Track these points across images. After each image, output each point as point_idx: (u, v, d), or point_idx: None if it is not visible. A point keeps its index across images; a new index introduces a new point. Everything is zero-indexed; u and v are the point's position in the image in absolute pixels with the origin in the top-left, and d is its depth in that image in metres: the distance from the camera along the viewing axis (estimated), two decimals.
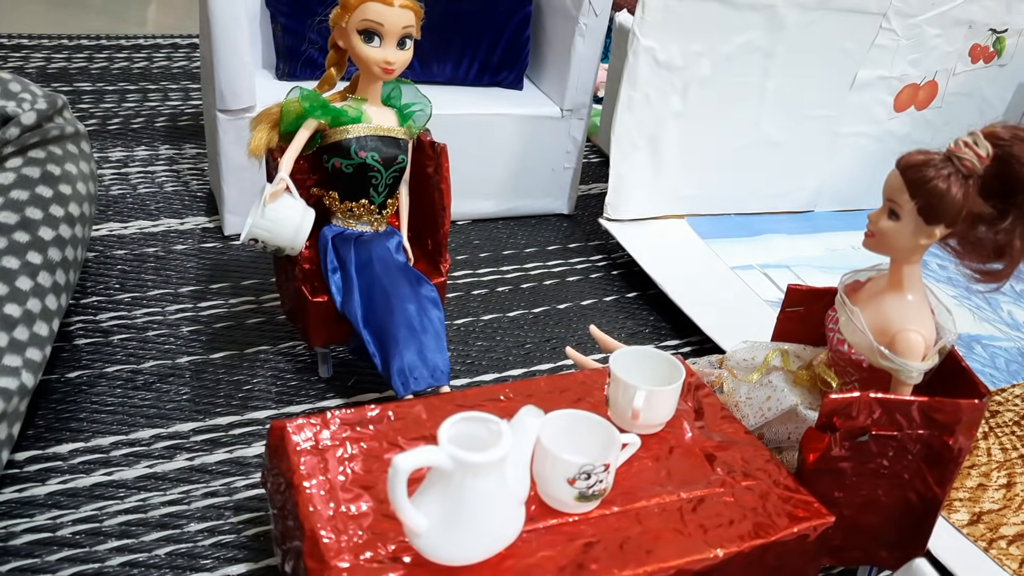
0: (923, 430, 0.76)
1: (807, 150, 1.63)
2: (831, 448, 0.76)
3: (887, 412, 0.75)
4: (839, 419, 0.75)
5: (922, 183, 0.72)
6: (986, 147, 0.71)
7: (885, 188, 0.76)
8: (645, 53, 1.38)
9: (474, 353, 1.20)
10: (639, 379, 0.77)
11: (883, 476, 0.79)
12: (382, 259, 1.00)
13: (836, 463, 0.77)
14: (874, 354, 0.78)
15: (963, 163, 0.71)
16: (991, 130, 0.72)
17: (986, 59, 1.69)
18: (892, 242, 0.76)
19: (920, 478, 0.79)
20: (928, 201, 0.72)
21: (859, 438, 0.76)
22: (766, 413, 0.86)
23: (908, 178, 0.73)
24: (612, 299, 1.38)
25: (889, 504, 0.80)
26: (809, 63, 1.52)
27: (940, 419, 0.76)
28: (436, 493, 0.60)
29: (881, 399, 0.75)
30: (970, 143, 0.71)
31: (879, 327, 0.78)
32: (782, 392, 0.86)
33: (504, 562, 0.64)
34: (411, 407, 0.79)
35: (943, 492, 0.80)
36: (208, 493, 0.91)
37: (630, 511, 0.71)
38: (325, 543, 0.64)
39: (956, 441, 0.77)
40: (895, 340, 0.77)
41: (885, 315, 0.78)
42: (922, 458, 0.78)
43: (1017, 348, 1.38)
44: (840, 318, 0.82)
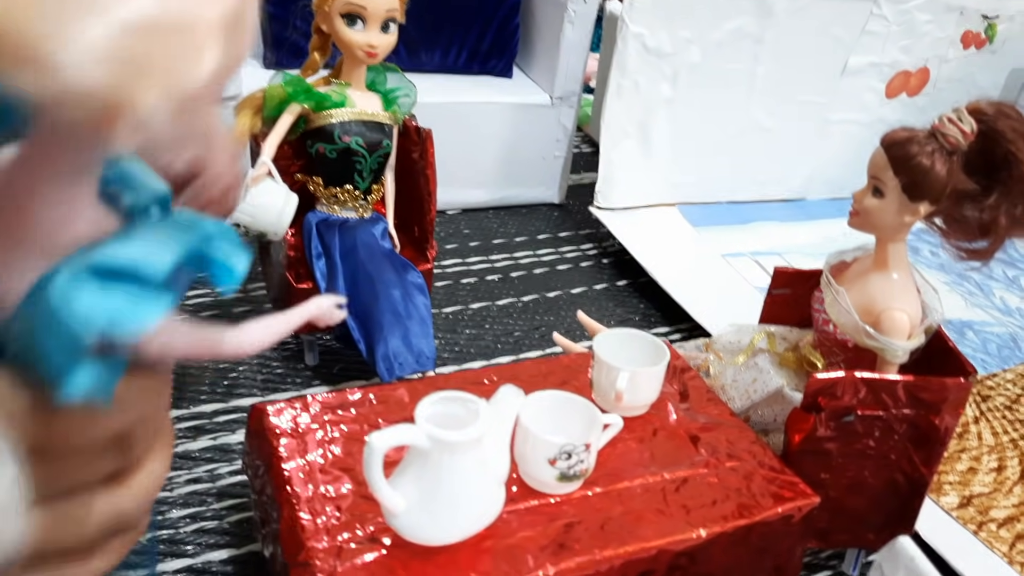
0: (909, 409, 0.75)
1: (798, 137, 1.63)
2: (816, 429, 0.76)
3: (872, 392, 0.75)
4: (824, 399, 0.74)
5: (906, 160, 0.71)
6: (970, 123, 0.70)
7: (870, 165, 0.76)
8: (634, 40, 1.37)
9: (462, 341, 1.19)
10: (623, 361, 0.77)
11: (869, 457, 0.78)
12: (367, 245, 0.99)
13: (822, 444, 0.77)
14: (859, 334, 0.78)
15: (947, 139, 0.70)
16: (975, 106, 0.71)
17: (977, 45, 1.68)
18: (877, 220, 0.76)
19: (907, 458, 0.79)
20: (912, 178, 0.72)
21: (844, 418, 0.76)
22: (752, 395, 0.85)
23: (892, 155, 0.72)
24: (602, 287, 1.38)
25: (876, 485, 0.80)
26: (799, 49, 1.51)
27: (926, 398, 0.75)
28: (414, 473, 0.60)
29: (866, 379, 0.74)
30: (954, 119, 0.71)
31: (864, 306, 0.78)
32: (768, 374, 0.85)
33: (484, 542, 0.63)
34: (393, 390, 0.78)
35: (930, 472, 0.80)
36: (191, 480, 0.90)
37: (612, 492, 0.71)
38: (303, 524, 0.63)
39: (942, 420, 0.76)
40: (880, 319, 0.77)
41: (870, 294, 0.78)
42: (908, 438, 0.77)
43: (1009, 333, 1.37)
44: (825, 298, 0.81)
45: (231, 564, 0.82)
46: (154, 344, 0.38)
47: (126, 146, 0.32)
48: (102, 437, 0.41)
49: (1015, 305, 1.47)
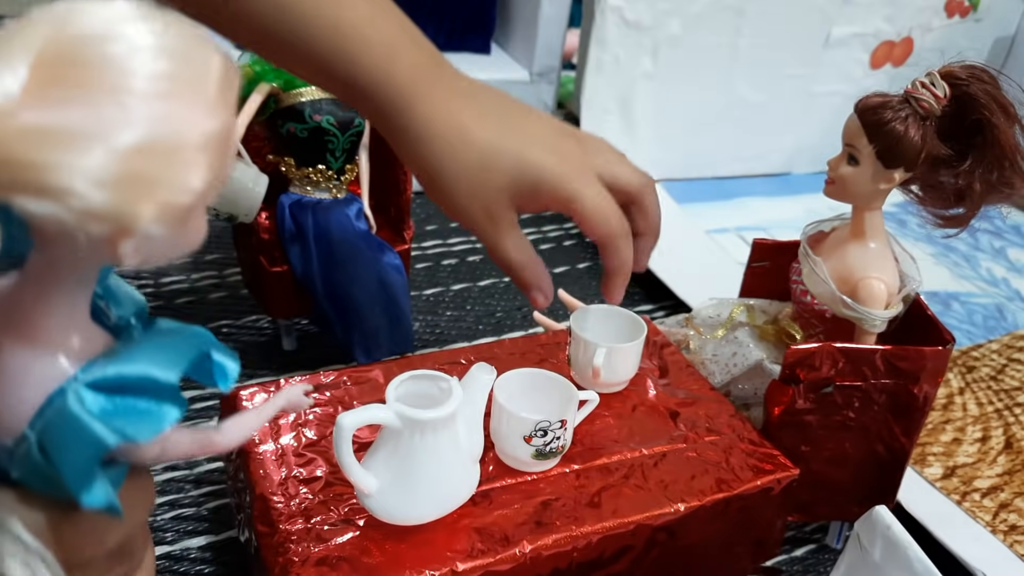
0: (888, 379, 0.75)
1: (782, 110, 1.62)
2: (795, 401, 0.75)
3: (850, 362, 0.74)
4: (802, 371, 0.74)
5: (879, 125, 0.70)
6: (943, 87, 0.69)
7: (844, 132, 0.75)
8: (612, 12, 1.36)
9: (443, 323, 1.18)
10: (601, 337, 0.76)
11: (849, 428, 0.78)
12: (342, 226, 0.98)
13: (801, 416, 0.76)
14: (836, 303, 0.77)
15: (920, 104, 0.69)
16: (949, 70, 0.70)
17: (962, 13, 1.67)
18: (852, 188, 0.75)
19: (887, 429, 0.78)
20: (886, 144, 0.71)
21: (823, 390, 0.75)
22: (732, 369, 0.84)
23: (865, 121, 0.71)
24: (585, 266, 1.37)
25: (857, 457, 0.79)
26: (781, 21, 1.50)
27: (904, 367, 0.74)
28: (386, 453, 0.59)
29: (844, 348, 0.73)
30: (927, 84, 0.70)
31: (841, 276, 0.77)
32: (747, 347, 0.84)
33: (460, 521, 0.63)
34: (367, 372, 0.77)
35: (910, 442, 0.79)
36: (168, 467, 0.89)
37: (590, 468, 0.70)
38: (276, 507, 0.62)
39: (921, 389, 0.76)
40: (857, 288, 0.76)
41: (847, 264, 0.77)
42: (888, 408, 0.77)
43: (995, 304, 1.37)
44: (803, 269, 0.80)
45: (209, 550, 0.81)
46: (156, 449, 0.42)
47: (130, 259, 0.36)
48: (113, 545, 0.45)
49: (1001, 276, 1.47)
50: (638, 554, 0.67)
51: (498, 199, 0.54)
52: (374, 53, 0.54)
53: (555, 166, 0.54)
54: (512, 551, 0.61)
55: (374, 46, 0.54)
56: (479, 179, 0.54)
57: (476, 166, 0.54)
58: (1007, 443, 1.04)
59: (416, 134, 0.54)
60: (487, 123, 0.54)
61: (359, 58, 0.54)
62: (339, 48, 0.53)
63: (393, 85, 0.54)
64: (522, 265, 0.55)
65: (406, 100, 0.54)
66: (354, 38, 0.54)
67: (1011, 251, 1.56)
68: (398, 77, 0.54)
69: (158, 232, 0.35)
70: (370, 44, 0.54)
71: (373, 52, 0.53)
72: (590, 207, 0.53)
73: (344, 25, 0.53)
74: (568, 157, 0.55)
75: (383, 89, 0.54)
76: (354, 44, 0.54)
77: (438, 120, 0.54)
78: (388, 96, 0.54)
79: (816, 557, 0.88)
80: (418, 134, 0.54)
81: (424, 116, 0.54)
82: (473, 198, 0.54)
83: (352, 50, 0.54)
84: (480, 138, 0.54)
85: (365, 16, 0.54)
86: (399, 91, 0.54)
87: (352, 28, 0.53)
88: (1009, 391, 1.15)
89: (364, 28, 0.54)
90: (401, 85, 0.54)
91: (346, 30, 0.53)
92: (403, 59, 0.54)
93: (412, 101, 0.54)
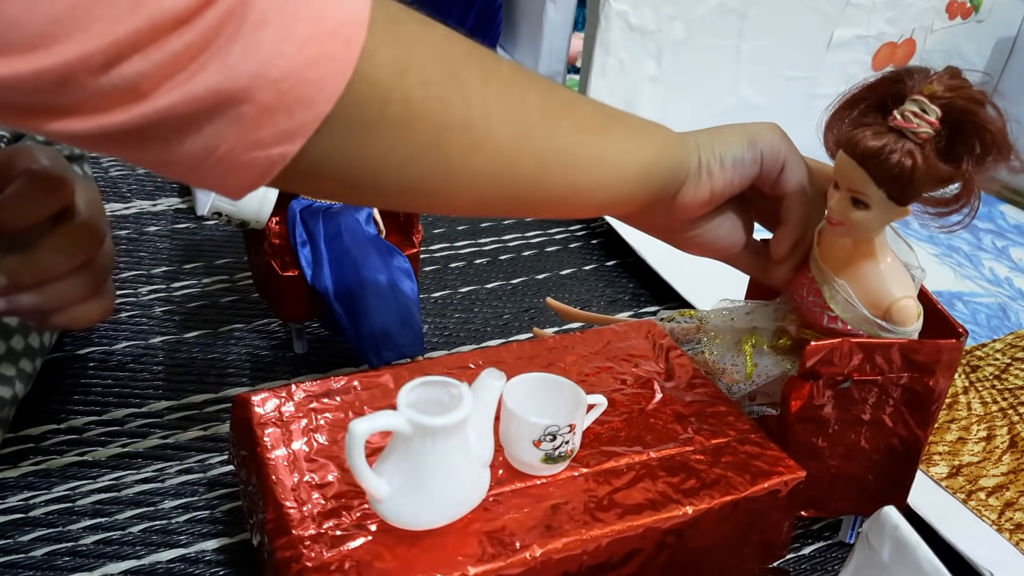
0: (904, 373, 0.76)
1: (785, 112, 1.62)
2: (814, 396, 0.76)
3: (868, 357, 0.75)
4: (821, 366, 0.75)
5: (887, 171, 0.67)
6: (935, 111, 0.66)
7: (843, 178, 0.71)
8: (617, 17, 1.36)
9: (452, 325, 1.19)
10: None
11: (865, 423, 0.79)
12: (351, 231, 0.99)
13: (819, 411, 0.78)
14: (873, 327, 0.76)
15: (918, 136, 0.67)
16: (930, 91, 0.67)
17: (964, 15, 1.67)
18: (865, 228, 0.73)
19: (902, 422, 0.79)
20: (897, 186, 0.68)
21: (841, 385, 0.76)
22: (757, 380, 0.85)
23: (871, 169, 0.68)
24: (591, 268, 1.38)
25: (872, 451, 0.81)
26: (784, 24, 1.50)
27: (920, 360, 0.76)
28: (397, 458, 0.60)
29: (862, 343, 0.75)
30: (918, 112, 0.67)
31: (870, 300, 0.76)
32: (769, 361, 0.85)
33: (470, 525, 0.64)
34: (378, 377, 0.78)
35: (924, 435, 0.80)
36: (182, 470, 0.90)
37: (599, 472, 0.71)
38: (289, 513, 0.63)
39: (936, 382, 0.77)
40: (891, 312, 0.75)
41: (871, 288, 0.76)
42: (903, 402, 0.78)
43: (998, 304, 1.38)
44: (824, 292, 0.79)
45: (224, 553, 0.82)
46: None
47: None
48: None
49: (1004, 275, 1.47)
50: (647, 557, 0.67)
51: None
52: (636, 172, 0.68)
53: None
54: (523, 555, 0.62)
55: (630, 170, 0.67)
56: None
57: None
58: (1012, 442, 1.05)
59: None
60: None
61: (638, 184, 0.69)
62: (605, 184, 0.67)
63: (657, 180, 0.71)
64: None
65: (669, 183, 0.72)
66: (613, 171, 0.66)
67: (1014, 251, 1.57)
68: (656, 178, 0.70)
69: None
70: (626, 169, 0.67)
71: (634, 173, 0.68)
72: (794, 169, 0.75)
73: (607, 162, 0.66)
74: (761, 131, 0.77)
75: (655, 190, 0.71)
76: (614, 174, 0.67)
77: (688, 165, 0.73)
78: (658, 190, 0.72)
79: (824, 556, 0.89)
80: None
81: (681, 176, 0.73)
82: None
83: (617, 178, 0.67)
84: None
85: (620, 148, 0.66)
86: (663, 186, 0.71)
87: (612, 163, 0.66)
88: (1013, 390, 1.15)
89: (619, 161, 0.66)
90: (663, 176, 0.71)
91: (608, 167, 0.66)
92: (657, 164, 0.69)
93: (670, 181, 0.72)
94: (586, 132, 0.63)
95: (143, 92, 0.39)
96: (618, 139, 0.65)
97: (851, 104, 0.72)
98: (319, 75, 0.42)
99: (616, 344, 0.88)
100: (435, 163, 0.51)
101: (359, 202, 0.57)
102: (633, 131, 0.68)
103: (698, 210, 0.75)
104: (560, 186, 0.62)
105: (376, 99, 0.46)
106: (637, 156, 0.67)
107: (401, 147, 0.49)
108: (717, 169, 0.73)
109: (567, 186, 0.62)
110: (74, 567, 0.79)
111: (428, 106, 0.49)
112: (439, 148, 0.51)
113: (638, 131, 0.67)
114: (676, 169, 0.71)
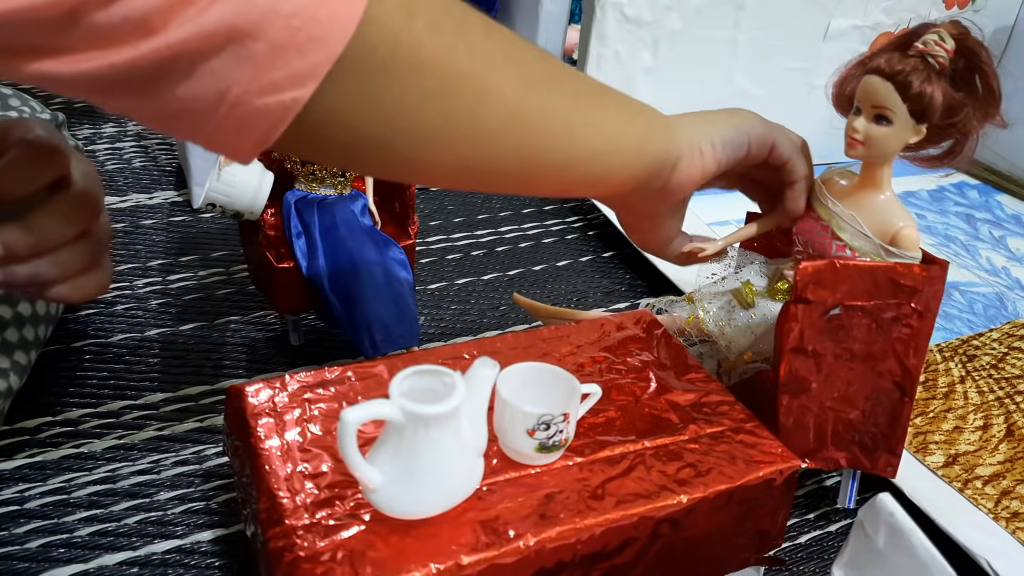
0: (890, 299, 0.78)
1: (782, 103, 1.62)
2: (805, 326, 0.78)
3: (855, 280, 0.78)
4: (812, 290, 0.77)
5: (912, 86, 0.74)
6: (951, 42, 0.74)
7: (869, 95, 0.77)
8: (613, 8, 1.36)
9: (448, 317, 1.19)
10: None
11: (858, 358, 0.80)
12: (347, 222, 0.99)
13: (813, 344, 0.79)
14: (882, 254, 0.81)
15: (937, 60, 0.74)
16: (944, 27, 0.76)
17: (960, 4, 1.67)
18: (885, 146, 0.78)
19: (892, 355, 0.81)
20: (920, 102, 0.75)
21: (832, 311, 0.78)
22: (755, 329, 0.86)
23: (898, 83, 0.75)
24: (588, 259, 1.38)
25: (865, 392, 0.82)
26: (780, 14, 1.50)
27: (906, 284, 0.78)
28: (390, 447, 0.60)
29: (848, 265, 0.77)
30: (939, 40, 0.74)
31: (878, 228, 0.81)
32: (766, 307, 0.86)
33: (464, 514, 0.64)
34: (372, 367, 0.78)
35: (915, 373, 0.82)
36: (178, 462, 0.90)
37: (593, 461, 0.71)
38: (282, 503, 0.63)
39: (925, 309, 0.79)
40: (898, 238, 0.80)
41: (877, 217, 0.81)
42: (893, 335, 0.80)
43: (995, 293, 1.38)
44: (831, 223, 0.82)
45: (219, 544, 0.82)
46: None
47: None
48: None
49: (1001, 265, 1.47)
50: (642, 546, 0.67)
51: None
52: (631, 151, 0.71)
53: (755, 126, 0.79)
54: (516, 544, 0.62)
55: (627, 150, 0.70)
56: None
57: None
58: (1008, 431, 1.05)
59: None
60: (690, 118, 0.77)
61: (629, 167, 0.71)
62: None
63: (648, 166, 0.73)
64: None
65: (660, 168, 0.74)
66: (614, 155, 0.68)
67: (1011, 240, 1.57)
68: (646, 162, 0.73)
69: None
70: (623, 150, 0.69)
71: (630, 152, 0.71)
72: (784, 141, 0.80)
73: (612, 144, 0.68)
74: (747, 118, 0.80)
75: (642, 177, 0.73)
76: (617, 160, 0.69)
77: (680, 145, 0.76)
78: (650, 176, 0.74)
79: (820, 544, 0.89)
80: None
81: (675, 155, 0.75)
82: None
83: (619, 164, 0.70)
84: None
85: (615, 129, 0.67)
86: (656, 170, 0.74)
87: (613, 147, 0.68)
88: (1010, 379, 1.15)
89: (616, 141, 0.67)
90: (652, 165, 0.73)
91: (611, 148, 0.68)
92: (646, 145, 0.71)
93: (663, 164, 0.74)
94: (585, 99, 0.63)
95: (153, 26, 0.38)
96: (615, 110, 0.66)
97: (864, 62, 0.79)
98: (329, 14, 0.42)
99: (611, 334, 0.88)
100: (444, 113, 0.51)
101: (363, 166, 0.56)
102: (626, 106, 0.69)
103: (690, 189, 0.78)
104: (561, 151, 0.62)
105: (386, 41, 0.45)
106: (634, 130, 0.68)
107: (411, 93, 0.48)
108: (709, 150, 0.76)
109: (568, 151, 0.62)
110: (70, 559, 0.79)
111: (437, 52, 0.48)
112: (448, 96, 0.50)
113: (630, 107, 0.69)
114: (669, 147, 0.73)
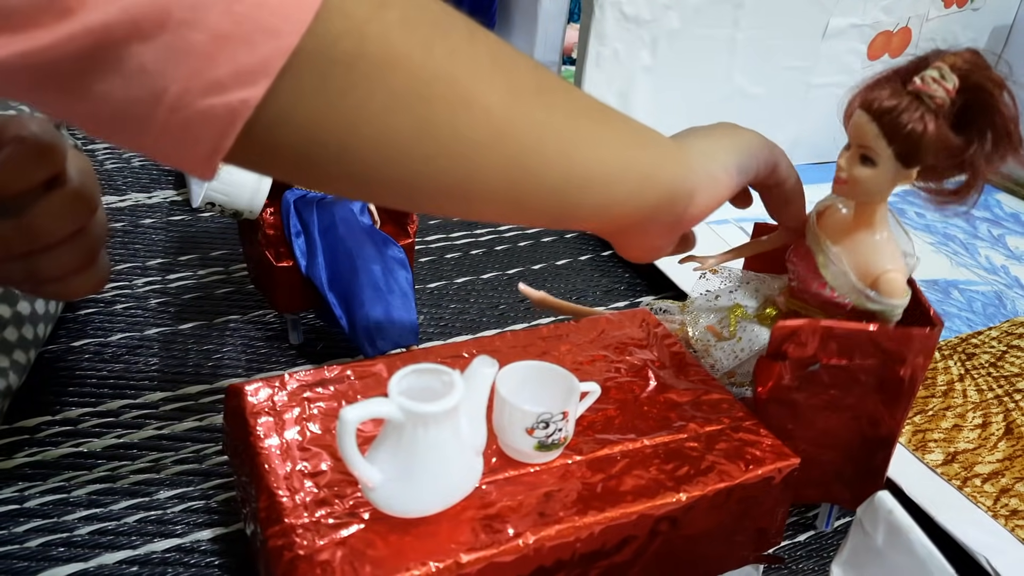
0: (873, 359, 0.76)
1: (781, 102, 1.62)
2: (782, 377, 0.76)
3: (836, 341, 0.75)
4: (789, 347, 0.74)
5: (899, 128, 0.69)
6: (953, 80, 0.68)
7: (855, 133, 0.73)
8: (611, 7, 1.36)
9: (447, 316, 1.19)
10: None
11: (836, 408, 0.79)
12: (346, 221, 0.99)
13: (789, 394, 0.78)
14: (860, 297, 0.77)
15: (934, 100, 0.68)
16: (951, 62, 0.69)
17: (959, 3, 1.67)
18: (868, 188, 0.74)
19: (874, 409, 0.79)
20: (907, 146, 0.70)
21: (810, 367, 0.76)
22: (739, 355, 0.85)
23: (884, 124, 0.70)
24: (587, 258, 1.38)
25: (844, 438, 0.81)
26: (779, 13, 1.50)
27: (890, 348, 0.75)
28: (389, 446, 0.60)
29: (830, 327, 0.74)
30: (937, 79, 0.68)
31: (861, 270, 0.77)
32: (753, 332, 0.85)
33: (463, 513, 0.64)
34: (371, 366, 0.78)
35: (896, 424, 0.80)
36: (178, 460, 0.90)
37: (592, 459, 0.71)
38: (281, 501, 0.63)
39: (908, 371, 0.76)
40: (879, 283, 0.76)
41: (863, 258, 0.77)
42: (873, 389, 0.78)
43: (994, 292, 1.38)
44: (818, 259, 0.79)
45: (219, 542, 0.82)
46: None
47: None
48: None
49: (1000, 263, 1.47)
50: (641, 544, 0.68)
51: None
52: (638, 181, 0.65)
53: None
54: (515, 543, 0.62)
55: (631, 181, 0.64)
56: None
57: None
58: (1007, 429, 1.05)
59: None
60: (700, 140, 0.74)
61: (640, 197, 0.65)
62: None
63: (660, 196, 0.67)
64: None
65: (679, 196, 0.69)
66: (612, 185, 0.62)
67: (1010, 239, 1.57)
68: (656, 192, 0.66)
69: None
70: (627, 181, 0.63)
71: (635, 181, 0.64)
72: (784, 161, 0.77)
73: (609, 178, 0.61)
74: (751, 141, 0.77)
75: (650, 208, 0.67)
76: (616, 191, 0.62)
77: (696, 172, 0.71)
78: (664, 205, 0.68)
79: (819, 542, 0.89)
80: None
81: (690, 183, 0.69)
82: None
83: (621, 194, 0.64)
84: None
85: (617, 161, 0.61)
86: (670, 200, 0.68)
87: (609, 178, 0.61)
88: (1009, 377, 1.16)
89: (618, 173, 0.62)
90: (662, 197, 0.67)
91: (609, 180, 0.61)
92: (655, 178, 0.66)
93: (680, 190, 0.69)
94: (583, 119, 0.56)
95: (68, 5, 0.33)
96: (620, 132, 0.60)
97: (877, 83, 0.73)
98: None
99: (610, 333, 0.88)
100: (417, 120, 0.44)
101: (324, 182, 0.47)
102: (632, 129, 0.62)
103: (703, 217, 0.73)
104: (554, 174, 0.54)
105: (351, 33, 0.39)
106: (642, 155, 0.62)
107: (379, 95, 0.41)
108: (724, 178, 0.72)
109: (562, 175, 0.55)
110: (69, 557, 0.79)
111: (410, 50, 0.41)
112: (422, 101, 0.43)
113: (637, 130, 0.63)
114: (685, 177, 0.67)
